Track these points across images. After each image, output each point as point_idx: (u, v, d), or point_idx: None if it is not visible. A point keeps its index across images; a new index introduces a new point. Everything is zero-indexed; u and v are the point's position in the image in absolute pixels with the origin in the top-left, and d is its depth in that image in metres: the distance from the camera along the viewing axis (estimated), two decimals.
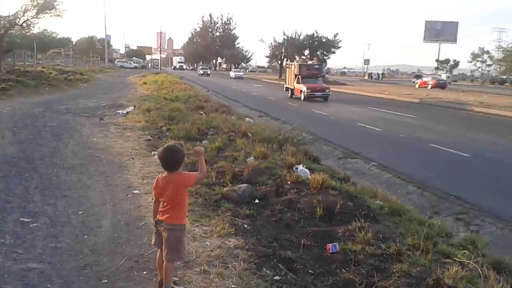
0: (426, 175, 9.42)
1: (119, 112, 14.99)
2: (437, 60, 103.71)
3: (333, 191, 6.14)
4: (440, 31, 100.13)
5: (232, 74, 69.83)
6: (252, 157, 8.00)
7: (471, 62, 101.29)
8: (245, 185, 6.15)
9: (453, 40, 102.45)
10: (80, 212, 5.29)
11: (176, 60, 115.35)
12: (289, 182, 6.49)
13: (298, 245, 4.49)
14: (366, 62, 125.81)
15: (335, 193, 6.05)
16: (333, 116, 19.73)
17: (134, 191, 6.18)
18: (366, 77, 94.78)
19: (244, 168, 7.06)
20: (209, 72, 75.93)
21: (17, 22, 30.58)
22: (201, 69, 80.00)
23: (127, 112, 15.07)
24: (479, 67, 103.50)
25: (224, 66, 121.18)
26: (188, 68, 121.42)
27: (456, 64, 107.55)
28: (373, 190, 7.06)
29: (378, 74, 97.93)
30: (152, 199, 3.75)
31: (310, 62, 61.49)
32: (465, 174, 9.84)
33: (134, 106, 16.51)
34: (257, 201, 5.82)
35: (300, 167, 7.57)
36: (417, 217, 5.81)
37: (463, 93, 39.82)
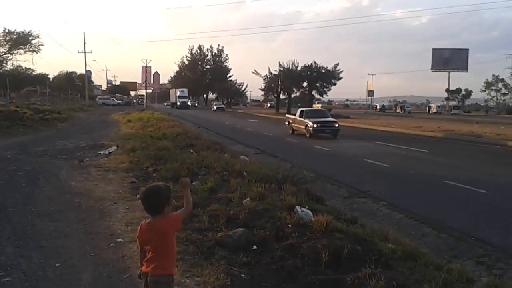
0: (442, 215, 9.37)
1: (100, 153, 15.00)
2: (447, 90, 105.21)
3: (340, 234, 6.10)
4: (449, 59, 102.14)
5: (214, 107, 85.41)
6: (248, 199, 7.97)
7: (484, 91, 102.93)
8: (241, 229, 6.10)
9: (464, 68, 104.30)
10: (57, 265, 5.21)
11: (175, 93, 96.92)
12: (290, 225, 6.44)
13: None
14: (370, 93, 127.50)
15: (342, 237, 6.00)
16: (337, 152, 19.81)
17: (117, 240, 6.12)
18: (399, 110, 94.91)
19: (239, 210, 7.02)
20: (224, 108, 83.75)
21: None
22: (216, 105, 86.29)
23: (110, 153, 15.08)
24: (493, 97, 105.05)
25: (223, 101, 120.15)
26: (195, 104, 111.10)
27: (469, 93, 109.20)
28: (384, 233, 7.00)
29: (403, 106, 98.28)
30: (137, 247, 3.70)
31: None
32: (484, 212, 9.79)
33: (117, 146, 16.54)
34: (255, 247, 5.76)
35: (302, 208, 7.53)
36: (434, 262, 5.75)
37: (478, 124, 40.19)
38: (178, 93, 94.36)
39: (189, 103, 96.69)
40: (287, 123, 32.08)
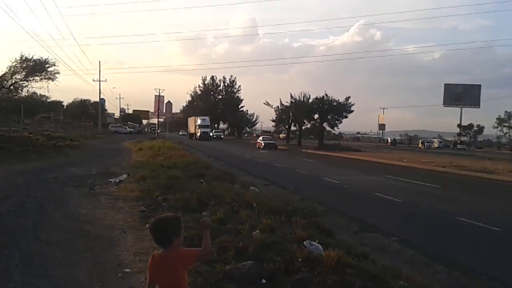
0: (454, 252, 9.21)
1: (111, 181, 15.05)
2: (459, 126, 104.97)
3: (350, 270, 5.99)
4: (461, 95, 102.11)
5: (180, 133, 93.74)
6: (258, 231, 7.90)
7: (497, 127, 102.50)
8: (250, 262, 6.02)
9: (476, 104, 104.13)
10: None
11: (194, 122, 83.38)
12: (299, 259, 6.35)
13: None
14: (381, 127, 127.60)
15: (353, 272, 5.89)
16: (347, 185, 19.67)
17: (125, 270, 6.07)
18: (420, 145, 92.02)
19: (249, 243, 6.95)
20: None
21: (4, 84, 31.47)
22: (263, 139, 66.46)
23: (120, 181, 15.13)
24: (506, 133, 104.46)
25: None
26: (221, 135, 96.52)
27: (481, 129, 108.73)
28: (396, 269, 6.89)
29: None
30: (145, 278, 3.64)
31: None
32: (497, 250, 9.63)
33: (128, 174, 16.60)
34: (264, 281, 5.67)
35: (312, 242, 7.44)
36: None
37: (490, 160, 39.86)
38: (198, 122, 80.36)
39: (211, 134, 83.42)
40: None
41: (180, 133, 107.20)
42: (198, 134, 77.32)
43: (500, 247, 9.90)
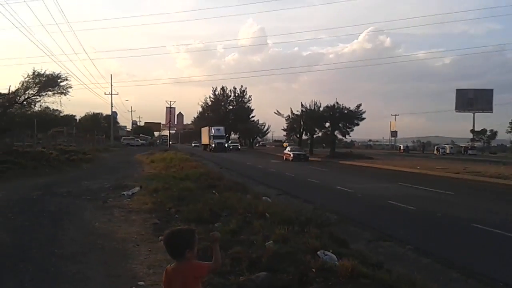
0: (470, 259, 9.09)
1: (124, 194, 15.13)
2: (472, 131, 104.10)
3: (365, 279, 5.94)
4: (474, 100, 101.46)
5: (192, 144, 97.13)
6: (271, 241, 7.87)
7: (510, 132, 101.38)
8: (264, 273, 6.01)
9: (489, 109, 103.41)
10: None
11: (208, 132, 78.32)
12: (313, 270, 6.31)
13: None
14: (394, 134, 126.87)
15: (368, 282, 5.85)
16: (360, 193, 19.56)
17: (139, 283, 6.08)
18: (436, 152, 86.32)
19: (262, 253, 6.94)
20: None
21: (17, 100, 31.81)
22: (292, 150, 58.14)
23: (133, 194, 15.20)
24: None
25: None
26: (238, 146, 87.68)
27: (494, 134, 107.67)
28: (411, 278, 6.80)
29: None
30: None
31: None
32: None
33: (141, 187, 16.68)
34: None
35: (326, 252, 7.39)
36: None
37: (505, 166, 39.42)
38: (212, 132, 76.05)
39: (227, 145, 78.67)
40: None
41: (193, 145, 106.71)
42: (213, 145, 73.00)
43: None
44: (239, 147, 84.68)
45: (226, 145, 76.34)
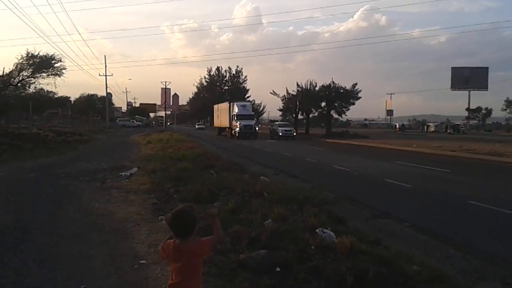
0: (467, 236, 9.21)
1: (122, 175, 15.15)
2: (468, 109, 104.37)
3: (364, 256, 6.02)
4: (469, 78, 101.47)
5: (196, 126, 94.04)
6: (270, 220, 7.94)
7: (505, 109, 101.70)
8: (264, 251, 6.07)
9: (484, 87, 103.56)
10: (82, 287, 5.24)
11: (229, 110, 56.70)
12: (313, 247, 6.39)
13: None
14: (389, 113, 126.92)
15: (366, 259, 5.92)
16: (357, 172, 19.65)
17: (141, 261, 6.14)
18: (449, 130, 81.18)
19: (261, 232, 7.00)
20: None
21: (11, 82, 31.56)
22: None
23: (131, 174, 15.22)
24: None
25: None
26: (291, 132, 54.14)
27: (489, 112, 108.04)
28: (409, 254, 6.89)
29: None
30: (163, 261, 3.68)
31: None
32: (510, 233, 9.60)
33: (138, 167, 16.70)
34: (278, 269, 5.71)
35: (324, 229, 7.47)
36: (460, 284, 5.64)
37: (500, 143, 39.60)
38: (236, 110, 54.48)
39: (257, 127, 55.69)
40: None
41: (197, 126, 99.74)
42: (238, 128, 51.98)
43: None
44: (294, 134, 55.57)
45: (256, 128, 54.55)
